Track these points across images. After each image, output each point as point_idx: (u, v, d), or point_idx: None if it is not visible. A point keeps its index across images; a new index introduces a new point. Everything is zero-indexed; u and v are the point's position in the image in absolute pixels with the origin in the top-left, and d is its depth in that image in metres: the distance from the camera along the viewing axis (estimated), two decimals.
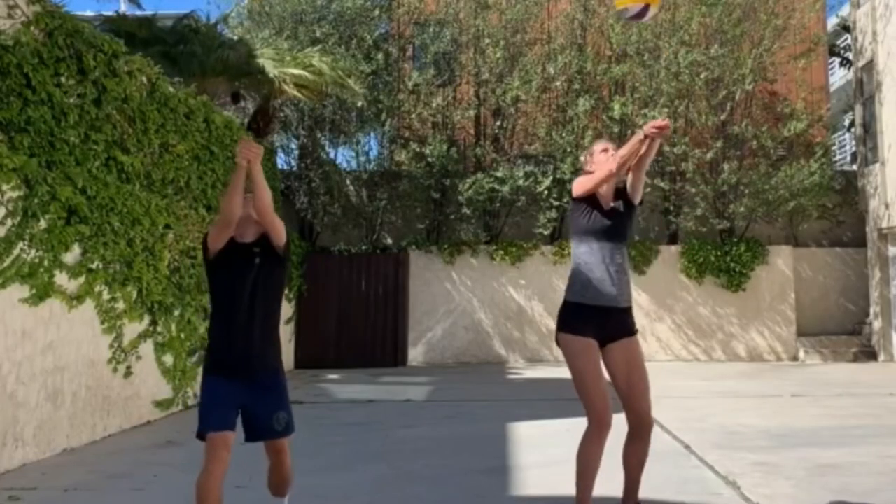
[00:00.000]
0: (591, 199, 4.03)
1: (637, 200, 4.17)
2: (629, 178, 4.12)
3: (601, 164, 4.07)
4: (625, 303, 4.00)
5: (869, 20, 15.37)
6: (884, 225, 14.68)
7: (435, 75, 15.51)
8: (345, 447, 6.73)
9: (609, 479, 5.37)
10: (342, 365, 13.87)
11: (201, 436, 3.77)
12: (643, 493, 4.33)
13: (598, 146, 4.21)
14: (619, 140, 14.99)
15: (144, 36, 12.14)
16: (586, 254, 3.97)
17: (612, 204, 4.09)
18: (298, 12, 15.28)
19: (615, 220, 4.04)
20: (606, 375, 4.04)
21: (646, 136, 3.82)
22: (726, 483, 5.28)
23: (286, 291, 13.67)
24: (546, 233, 15.20)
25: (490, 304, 15.20)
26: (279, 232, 3.91)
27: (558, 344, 4.05)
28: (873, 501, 4.76)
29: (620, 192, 4.15)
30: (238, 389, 3.81)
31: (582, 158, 4.31)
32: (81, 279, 7.01)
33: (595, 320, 3.92)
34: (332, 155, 16.10)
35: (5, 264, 5.96)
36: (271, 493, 4.16)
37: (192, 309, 9.21)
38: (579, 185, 4.05)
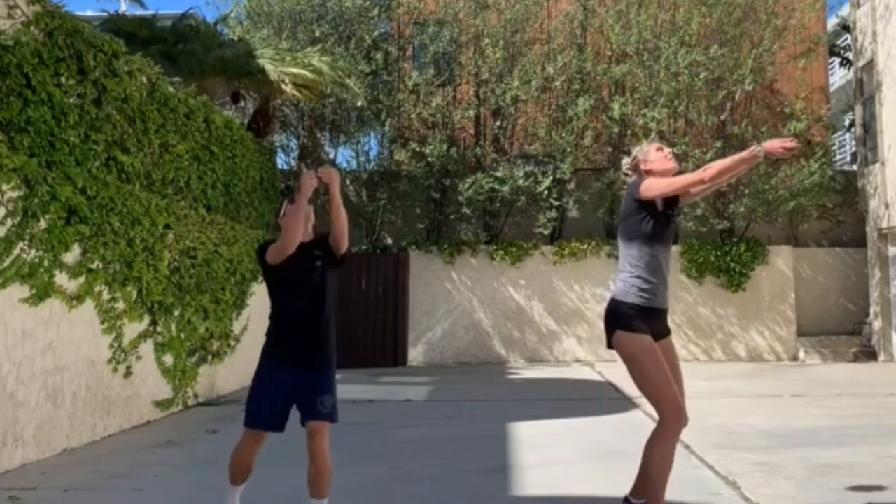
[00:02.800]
0: (650, 204, 3.96)
1: (683, 204, 4.15)
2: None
3: (660, 161, 4.00)
4: (665, 304, 4.05)
5: (869, 20, 15.38)
6: (884, 225, 14.68)
7: (435, 75, 15.51)
8: (345, 447, 6.72)
9: (609, 479, 5.37)
10: (342, 365, 13.65)
11: (245, 426, 4.11)
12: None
13: (653, 146, 4.13)
14: (620, 140, 15.02)
15: (144, 35, 12.14)
16: (644, 258, 3.93)
17: (662, 209, 4.03)
18: (297, 12, 15.28)
19: (669, 224, 4.02)
20: None
21: (767, 154, 3.65)
22: (726, 483, 5.28)
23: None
24: (546, 233, 15.20)
25: (490, 304, 15.20)
26: (345, 249, 4.25)
27: (611, 346, 4.00)
28: (873, 501, 4.77)
29: (672, 196, 4.06)
30: (294, 381, 4.03)
31: (624, 162, 4.20)
32: (81, 279, 7.01)
33: (648, 320, 3.93)
34: (332, 155, 16.10)
35: (5, 264, 5.96)
36: (309, 493, 4.05)
37: (192, 309, 9.20)
38: (651, 188, 3.90)
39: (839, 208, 15.65)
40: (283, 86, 12.62)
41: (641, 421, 7.62)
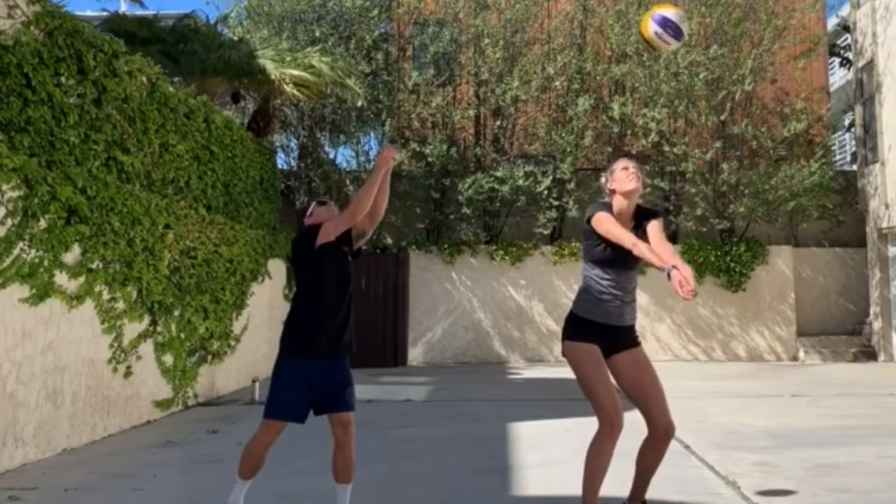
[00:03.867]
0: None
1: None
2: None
3: (621, 182, 4.06)
4: (630, 321, 4.08)
5: (869, 21, 15.38)
6: (884, 225, 14.68)
7: (435, 75, 15.51)
8: None
9: (609, 479, 5.37)
10: None
11: (267, 417, 4.14)
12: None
13: (620, 164, 4.16)
14: (620, 140, 15.03)
15: (144, 35, 12.14)
16: (597, 279, 4.03)
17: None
18: (297, 12, 15.28)
19: (628, 251, 3.95)
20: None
21: (670, 278, 3.64)
22: (726, 483, 5.28)
23: (286, 291, 13.68)
24: (546, 233, 15.20)
25: (490, 304, 15.20)
26: (369, 235, 4.44)
27: (564, 355, 4.08)
28: (873, 501, 4.77)
29: (640, 223, 4.09)
30: (319, 374, 4.11)
31: (602, 179, 4.25)
32: (81, 279, 7.00)
33: (600, 333, 3.98)
34: (331, 155, 16.11)
35: (5, 264, 5.96)
36: (336, 480, 4.22)
37: (192, 309, 9.20)
38: (600, 224, 3.97)
39: (839, 208, 15.64)
40: (284, 86, 12.62)
41: (641, 421, 7.61)
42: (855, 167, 17.07)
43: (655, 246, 3.89)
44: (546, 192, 14.76)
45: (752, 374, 12.74)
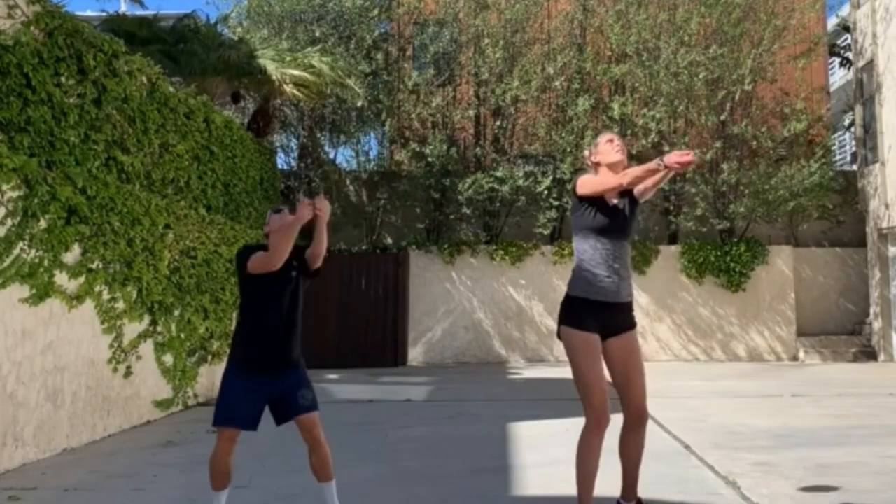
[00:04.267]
0: (594, 197, 4.00)
1: (642, 200, 4.17)
2: (639, 186, 4.08)
3: (606, 153, 4.05)
4: (626, 298, 4.01)
5: (869, 22, 15.37)
6: (884, 225, 14.68)
7: (435, 75, 15.51)
8: (344, 447, 6.72)
9: (609, 479, 5.37)
10: (342, 365, 13.86)
11: (215, 425, 4.17)
12: (643, 493, 4.33)
13: (604, 137, 4.15)
14: (620, 139, 14.99)
15: (144, 36, 12.14)
16: (590, 250, 3.95)
17: (614, 201, 4.03)
18: (297, 12, 15.28)
19: (619, 217, 3.99)
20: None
21: (666, 167, 3.67)
22: (726, 483, 5.28)
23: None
24: (546, 233, 15.20)
25: (490, 304, 15.20)
26: (319, 265, 4.31)
27: (559, 337, 4.06)
28: (873, 501, 4.77)
29: (624, 191, 4.07)
30: (263, 385, 4.13)
31: (586, 152, 4.26)
32: (81, 279, 7.01)
33: (598, 314, 3.92)
34: (331, 155, 16.11)
35: (5, 264, 5.96)
36: (317, 479, 4.25)
37: (192, 309, 9.20)
38: (584, 185, 3.97)
39: (839, 208, 15.64)
40: (284, 86, 12.62)
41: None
42: (855, 167, 17.07)
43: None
44: (546, 192, 14.76)
45: (752, 374, 12.74)
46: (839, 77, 21.61)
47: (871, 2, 15.19)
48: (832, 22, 20.18)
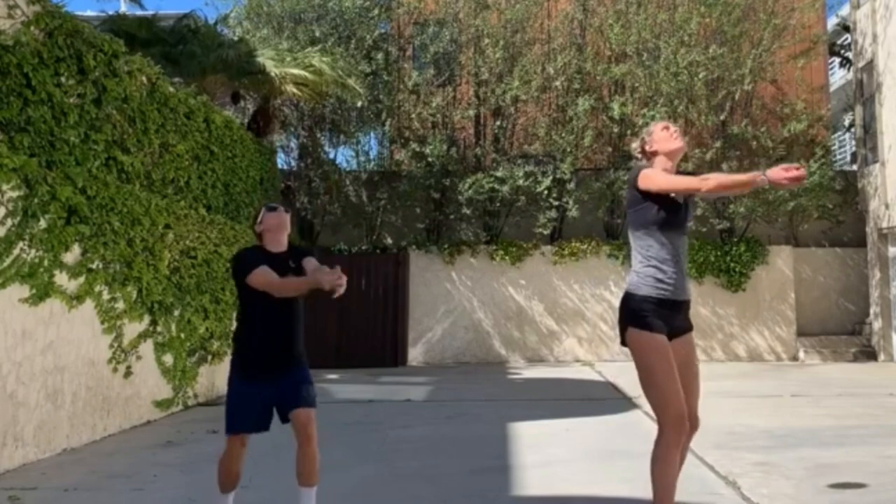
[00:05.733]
0: (657, 193, 3.73)
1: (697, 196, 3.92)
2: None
3: (664, 141, 3.80)
4: (688, 295, 3.84)
5: (869, 22, 15.37)
6: (884, 225, 14.68)
7: (435, 75, 15.51)
8: (344, 447, 6.72)
9: (609, 480, 5.37)
10: (342, 365, 13.86)
11: (227, 433, 4.15)
12: (642, 493, 4.32)
13: (659, 125, 3.90)
14: (619, 139, 15.02)
15: (144, 36, 12.14)
16: (655, 247, 3.72)
17: (673, 195, 3.79)
18: (297, 12, 15.28)
19: (680, 212, 3.77)
20: None
21: (770, 182, 3.41)
22: (726, 483, 5.28)
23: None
24: (546, 233, 15.19)
25: (490, 304, 15.19)
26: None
27: (624, 343, 3.78)
28: (873, 501, 4.76)
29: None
30: (266, 388, 4.08)
31: (634, 145, 3.99)
32: (81, 279, 7.01)
33: (664, 315, 3.71)
34: (331, 155, 16.11)
35: (5, 264, 5.96)
36: (299, 483, 4.07)
37: (192, 309, 9.20)
38: (649, 180, 3.69)
39: (839, 208, 15.63)
40: (284, 86, 12.62)
41: (641, 421, 7.62)
42: (855, 167, 17.06)
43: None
44: (546, 192, 14.75)
45: (752, 374, 12.74)
46: (839, 77, 21.61)
47: (871, 2, 15.18)
48: (832, 22, 20.18)
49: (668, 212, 3.71)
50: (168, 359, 8.69)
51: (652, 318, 3.67)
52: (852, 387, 10.71)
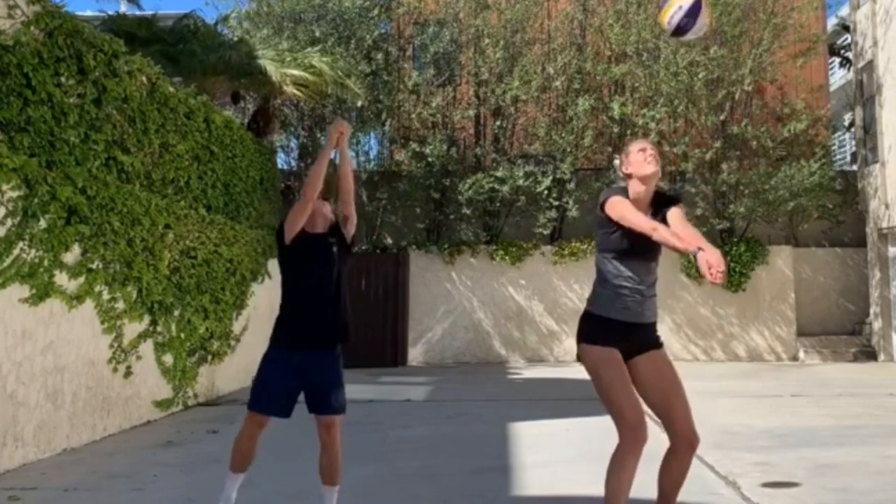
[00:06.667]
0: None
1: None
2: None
3: (638, 165, 3.72)
4: (651, 318, 3.77)
5: (869, 23, 15.37)
6: (884, 225, 14.68)
7: (435, 75, 15.51)
8: (344, 447, 6.70)
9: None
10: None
11: (250, 409, 4.16)
12: (642, 493, 4.32)
13: (636, 146, 3.81)
14: (619, 139, 15.03)
15: (144, 36, 12.13)
16: (614, 271, 3.69)
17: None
18: (297, 12, 15.28)
19: (648, 240, 3.62)
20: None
21: (693, 256, 3.40)
22: (726, 483, 5.28)
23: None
24: (546, 233, 15.20)
25: (490, 304, 15.20)
26: (353, 220, 4.39)
27: (579, 359, 3.79)
28: (873, 501, 4.76)
29: (658, 210, 3.78)
30: (305, 369, 4.09)
31: (616, 161, 3.95)
32: (81, 279, 7.00)
33: (620, 333, 3.66)
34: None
35: (5, 264, 5.96)
36: (322, 481, 4.20)
37: (192, 309, 9.20)
38: (613, 209, 3.63)
39: (839, 208, 15.63)
40: (284, 86, 12.62)
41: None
42: (855, 167, 17.06)
43: (677, 230, 3.57)
44: (546, 192, 14.76)
45: (752, 374, 12.74)
46: (839, 77, 21.62)
47: (871, 3, 15.19)
48: (832, 22, 20.18)
49: (635, 239, 3.61)
50: (168, 359, 8.69)
51: (603, 335, 3.65)
52: (852, 387, 10.71)
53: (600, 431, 7.46)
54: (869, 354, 14.78)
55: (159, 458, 6.46)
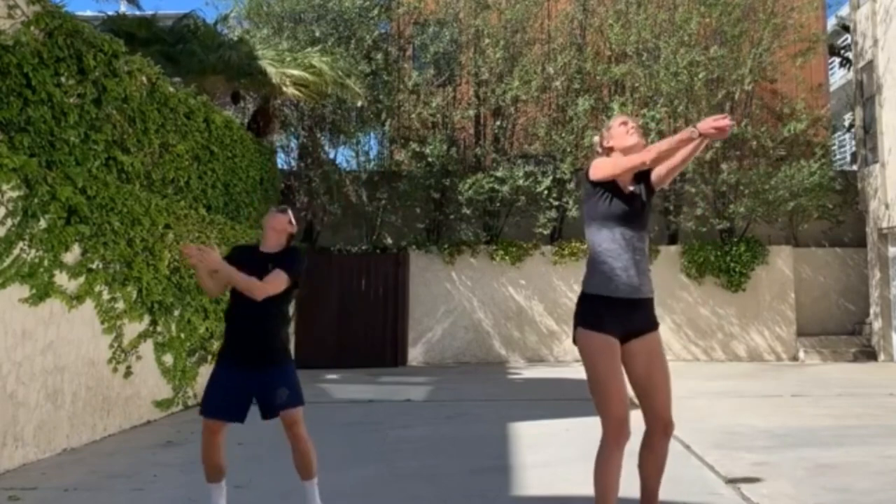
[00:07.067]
0: (609, 183, 3.62)
1: (658, 188, 3.81)
2: (659, 168, 3.68)
3: (620, 137, 3.69)
4: (648, 293, 3.66)
5: (869, 24, 15.37)
6: (884, 225, 14.68)
7: (435, 75, 15.51)
8: (344, 447, 6.73)
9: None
10: (342, 365, 13.86)
11: (200, 414, 4.30)
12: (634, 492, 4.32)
13: (617, 120, 3.76)
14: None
15: (144, 36, 12.14)
16: (607, 241, 3.58)
17: (630, 188, 3.68)
18: (297, 12, 15.27)
19: (636, 204, 3.63)
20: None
21: (701, 135, 3.32)
22: (726, 483, 5.28)
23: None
24: (546, 233, 15.20)
25: (490, 304, 15.20)
26: (281, 287, 4.23)
27: (575, 341, 3.66)
28: (873, 501, 4.77)
29: (641, 175, 3.71)
30: (248, 379, 4.21)
31: (596, 138, 3.89)
32: (81, 279, 7.01)
33: (618, 314, 3.55)
34: (331, 155, 16.11)
35: (5, 264, 5.96)
36: (300, 477, 4.32)
37: (192, 309, 9.20)
38: (598, 169, 3.58)
39: (839, 208, 15.63)
40: (284, 86, 12.62)
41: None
42: (855, 167, 17.06)
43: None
44: (546, 192, 14.76)
45: (752, 374, 12.74)
46: (839, 77, 21.61)
47: (871, 3, 15.19)
48: (831, 22, 20.18)
49: (622, 203, 3.59)
50: (168, 359, 8.70)
51: (601, 318, 3.55)
52: (852, 387, 10.71)
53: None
54: (869, 354, 14.78)
55: (159, 458, 6.47)
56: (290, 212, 4.47)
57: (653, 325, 3.73)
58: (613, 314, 3.56)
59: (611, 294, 3.57)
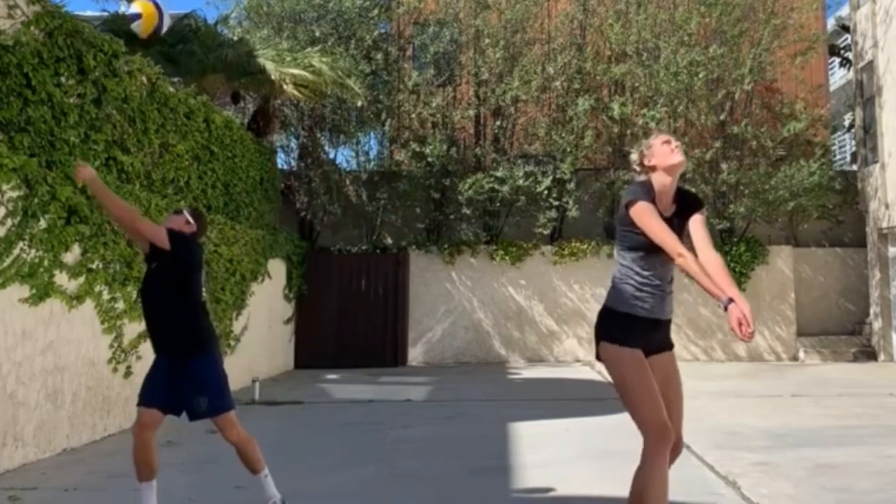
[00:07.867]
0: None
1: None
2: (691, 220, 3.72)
3: (663, 156, 3.67)
4: (668, 315, 3.74)
5: (869, 24, 15.37)
6: (884, 225, 14.68)
7: (435, 75, 15.50)
8: (344, 447, 6.73)
9: (609, 480, 5.37)
10: (342, 365, 13.86)
11: (137, 405, 4.48)
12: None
13: (659, 139, 3.75)
14: (619, 139, 15.03)
15: None
16: (637, 264, 3.65)
17: (666, 215, 3.67)
18: (297, 12, 15.27)
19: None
20: None
21: (725, 310, 3.41)
22: (726, 483, 5.28)
23: (286, 291, 13.67)
24: (546, 233, 15.19)
25: (490, 304, 15.19)
26: (152, 237, 4.36)
27: (599, 357, 3.71)
28: (873, 501, 4.77)
29: (681, 207, 3.73)
30: (174, 371, 4.42)
31: (634, 156, 3.84)
32: (81, 279, 7.00)
33: (642, 331, 3.62)
34: (331, 155, 16.11)
35: (5, 264, 5.96)
36: (250, 472, 4.51)
37: None
38: (639, 215, 3.57)
39: (839, 208, 15.63)
40: (284, 86, 12.61)
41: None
42: (855, 167, 17.06)
43: (704, 257, 3.51)
44: (546, 192, 14.75)
45: (752, 374, 12.75)
46: (839, 77, 21.62)
47: (871, 3, 15.19)
48: (831, 22, 20.18)
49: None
50: None
51: (627, 334, 3.60)
52: (852, 387, 10.71)
53: (600, 431, 7.46)
54: (869, 354, 14.78)
55: (159, 458, 6.45)
56: (185, 212, 4.62)
57: (669, 345, 3.78)
58: (638, 331, 3.62)
59: (635, 313, 3.62)
